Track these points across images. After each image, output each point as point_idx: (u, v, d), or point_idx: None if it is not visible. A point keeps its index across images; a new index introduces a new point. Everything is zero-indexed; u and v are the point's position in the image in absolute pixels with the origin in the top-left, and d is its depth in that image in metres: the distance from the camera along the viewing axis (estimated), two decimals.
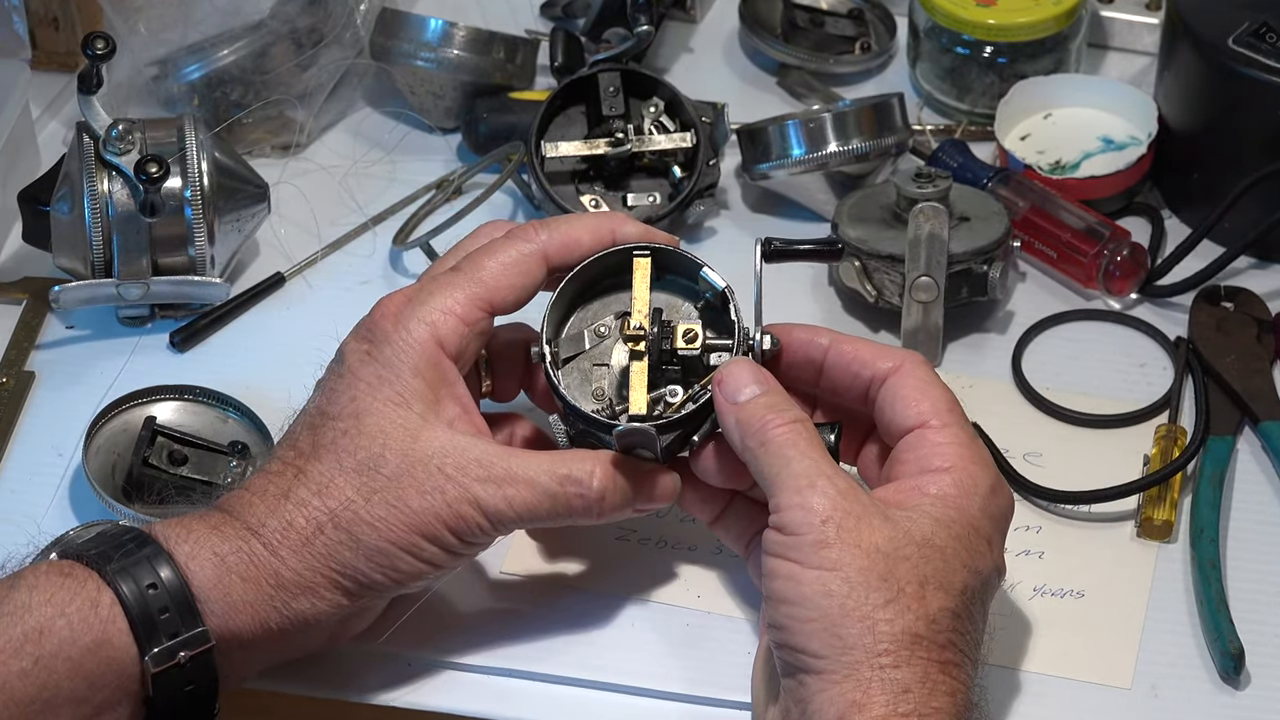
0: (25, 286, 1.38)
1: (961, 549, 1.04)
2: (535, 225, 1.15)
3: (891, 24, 1.55)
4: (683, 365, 1.13)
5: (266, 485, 1.09)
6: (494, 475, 1.08)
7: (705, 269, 1.14)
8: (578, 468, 1.10)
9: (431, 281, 1.13)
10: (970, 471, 1.07)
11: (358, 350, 1.12)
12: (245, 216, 1.36)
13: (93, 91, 1.31)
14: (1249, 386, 1.29)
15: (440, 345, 1.11)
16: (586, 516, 1.10)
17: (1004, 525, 1.08)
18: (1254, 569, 1.21)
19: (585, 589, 1.19)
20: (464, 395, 1.12)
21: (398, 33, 1.46)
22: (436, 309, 1.11)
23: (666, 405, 1.12)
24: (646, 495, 1.12)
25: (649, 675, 1.15)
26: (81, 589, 1.04)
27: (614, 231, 1.15)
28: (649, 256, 1.14)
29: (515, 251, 1.13)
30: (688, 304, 1.15)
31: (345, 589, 1.08)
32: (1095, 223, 1.36)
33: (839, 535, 1.03)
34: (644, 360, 1.12)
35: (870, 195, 1.37)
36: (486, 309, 1.12)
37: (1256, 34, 1.35)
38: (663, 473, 1.13)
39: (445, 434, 1.09)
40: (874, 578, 1.02)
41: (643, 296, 1.14)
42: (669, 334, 1.13)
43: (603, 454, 1.11)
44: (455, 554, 1.10)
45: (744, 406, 1.08)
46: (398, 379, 1.10)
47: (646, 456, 1.12)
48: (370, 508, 1.08)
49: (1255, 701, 1.15)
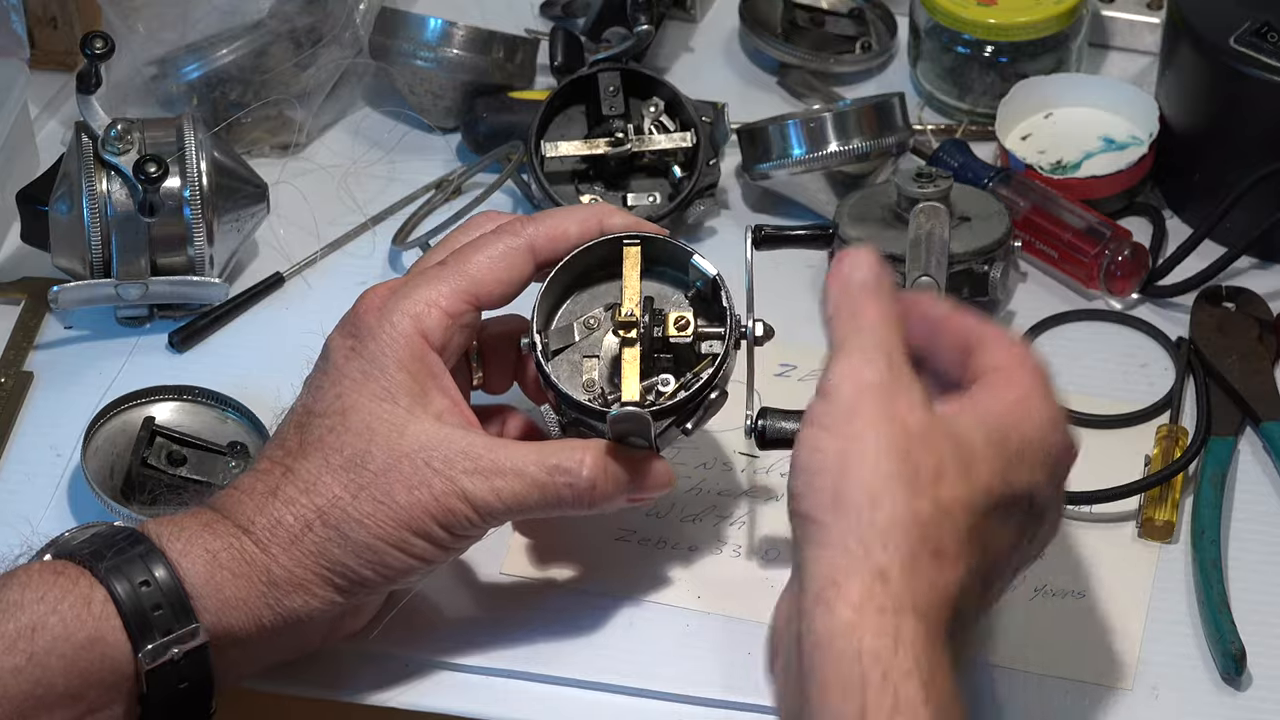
0: (24, 287, 1.38)
1: (995, 456, 1.00)
2: (522, 219, 1.14)
3: (892, 23, 1.55)
4: (674, 354, 1.13)
5: (255, 483, 1.09)
6: (481, 467, 1.08)
7: (695, 257, 1.14)
8: (567, 457, 1.09)
9: (417, 275, 1.13)
10: (1032, 400, 1.03)
11: (342, 346, 1.11)
12: (244, 216, 1.35)
13: (91, 91, 1.31)
14: (1250, 387, 1.29)
15: (424, 338, 1.10)
16: (577, 507, 1.10)
17: (1055, 461, 1.03)
18: (1255, 569, 1.20)
19: (584, 589, 1.19)
20: (451, 387, 1.11)
21: (397, 32, 1.46)
22: (420, 301, 1.11)
23: (659, 393, 1.12)
24: (640, 483, 1.11)
25: (649, 676, 1.15)
26: (74, 586, 1.04)
27: (602, 222, 1.15)
28: (639, 245, 1.14)
29: (502, 245, 1.13)
30: (678, 293, 1.15)
31: (337, 586, 1.08)
32: (1096, 223, 1.36)
33: (873, 406, 0.99)
34: (636, 348, 1.12)
35: (871, 195, 1.36)
36: (472, 303, 1.12)
37: (1258, 33, 1.35)
38: (656, 460, 1.12)
39: (432, 427, 1.09)
40: (893, 452, 0.98)
41: (633, 284, 1.14)
42: (660, 321, 1.13)
43: (593, 443, 1.10)
44: (445, 548, 1.09)
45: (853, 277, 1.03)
46: (382, 374, 1.10)
47: (640, 444, 1.11)
48: (358, 504, 1.08)
49: (1257, 703, 1.14)
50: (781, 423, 1.13)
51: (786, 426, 1.13)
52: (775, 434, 1.13)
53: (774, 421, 1.13)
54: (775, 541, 1.21)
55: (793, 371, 1.31)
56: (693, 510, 1.23)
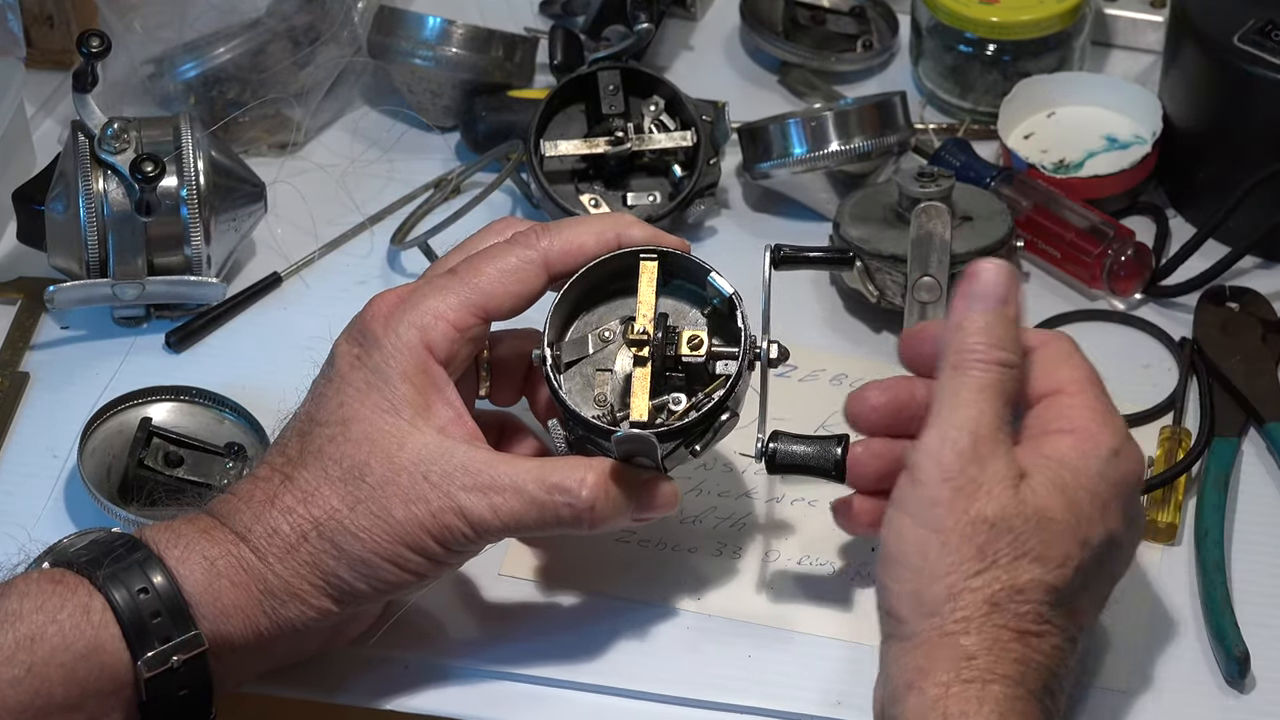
0: (20, 287, 1.38)
1: (1073, 518, 1.03)
2: (538, 230, 1.13)
3: (894, 21, 1.55)
4: (687, 372, 1.11)
5: (254, 491, 1.09)
6: (480, 483, 1.07)
7: (713, 274, 1.12)
8: (568, 476, 1.08)
9: (427, 284, 1.12)
10: (1092, 433, 1.05)
11: (348, 353, 1.11)
12: (242, 216, 1.35)
13: (88, 90, 1.31)
14: (1254, 388, 1.28)
15: (429, 350, 1.09)
16: (576, 527, 1.09)
17: (1125, 490, 1.06)
18: (1259, 571, 1.20)
19: (585, 591, 1.19)
20: (455, 400, 1.10)
21: (395, 30, 1.45)
22: (428, 312, 1.10)
23: (669, 413, 1.11)
24: (643, 505, 1.10)
25: (649, 678, 1.15)
26: (73, 595, 1.04)
27: (619, 235, 1.13)
28: (656, 260, 1.13)
29: (515, 258, 1.12)
30: (694, 310, 1.14)
31: (331, 596, 1.08)
32: (1099, 222, 1.35)
33: (953, 497, 1.02)
34: (647, 366, 1.11)
35: (872, 194, 1.36)
36: (480, 315, 1.11)
37: (1262, 31, 1.34)
38: (662, 482, 1.11)
39: (433, 440, 1.08)
40: (972, 548, 1.02)
41: (648, 301, 1.12)
42: (674, 340, 1.11)
43: (596, 462, 1.09)
44: (441, 563, 1.09)
45: (973, 318, 1.06)
46: (386, 385, 1.09)
47: (646, 465, 1.10)
48: (354, 517, 1.07)
49: (1260, 705, 1.14)
50: (793, 447, 1.13)
51: (797, 451, 1.12)
52: (786, 459, 1.13)
53: (785, 445, 1.13)
54: (775, 543, 1.21)
55: (793, 372, 1.30)
56: (692, 512, 1.23)
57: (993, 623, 1.01)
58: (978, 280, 1.07)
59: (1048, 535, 1.03)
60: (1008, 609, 1.01)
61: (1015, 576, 1.01)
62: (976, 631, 1.00)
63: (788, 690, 1.14)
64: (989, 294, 1.07)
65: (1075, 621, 1.04)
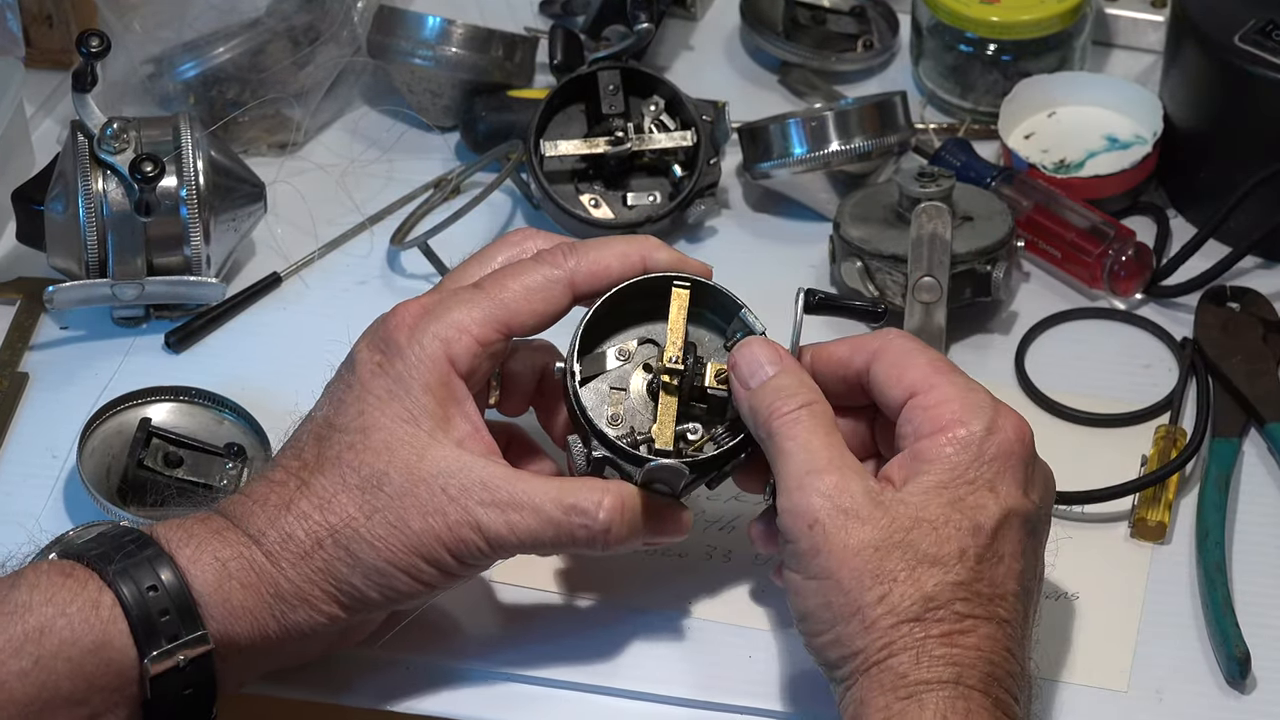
0: (19, 287, 1.38)
1: (955, 514, 1.04)
2: (565, 249, 1.13)
3: (894, 21, 1.54)
4: (708, 404, 1.12)
5: (269, 494, 1.08)
6: (498, 499, 1.07)
7: (744, 310, 1.13)
8: (585, 498, 1.08)
9: (451, 296, 1.11)
10: (955, 426, 1.06)
11: (369, 360, 1.10)
12: (241, 216, 1.35)
13: (87, 90, 1.31)
14: (1255, 388, 1.28)
15: (452, 363, 1.09)
16: (590, 548, 1.09)
17: (1012, 460, 1.06)
18: (1260, 572, 1.20)
19: (585, 593, 1.19)
20: (474, 413, 1.10)
21: (395, 30, 1.45)
22: (452, 325, 1.10)
23: (687, 442, 1.11)
24: (658, 530, 1.11)
25: (648, 679, 1.15)
26: (83, 589, 1.04)
27: (645, 258, 1.13)
28: (689, 288, 1.13)
29: (541, 276, 1.12)
30: (717, 338, 1.14)
31: (341, 603, 1.08)
32: (1100, 222, 1.35)
33: (827, 539, 1.04)
34: (675, 395, 1.11)
35: (872, 194, 1.36)
36: (503, 331, 1.11)
37: (1263, 31, 1.34)
38: (678, 509, 1.12)
39: (453, 453, 1.08)
40: (866, 578, 1.03)
41: (679, 329, 1.12)
42: (701, 371, 1.12)
43: (614, 485, 1.09)
44: (453, 575, 1.09)
45: (755, 393, 1.08)
46: (408, 395, 1.09)
47: (663, 491, 1.11)
48: (371, 526, 1.07)
49: (1261, 705, 1.14)
50: None
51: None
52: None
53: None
54: None
55: None
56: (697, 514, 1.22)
57: (915, 637, 1.02)
58: (739, 369, 1.10)
59: (934, 537, 1.03)
60: (926, 619, 1.02)
61: (920, 586, 1.02)
62: (902, 650, 1.02)
63: (788, 690, 1.14)
64: (755, 372, 1.09)
65: (1001, 604, 1.04)
